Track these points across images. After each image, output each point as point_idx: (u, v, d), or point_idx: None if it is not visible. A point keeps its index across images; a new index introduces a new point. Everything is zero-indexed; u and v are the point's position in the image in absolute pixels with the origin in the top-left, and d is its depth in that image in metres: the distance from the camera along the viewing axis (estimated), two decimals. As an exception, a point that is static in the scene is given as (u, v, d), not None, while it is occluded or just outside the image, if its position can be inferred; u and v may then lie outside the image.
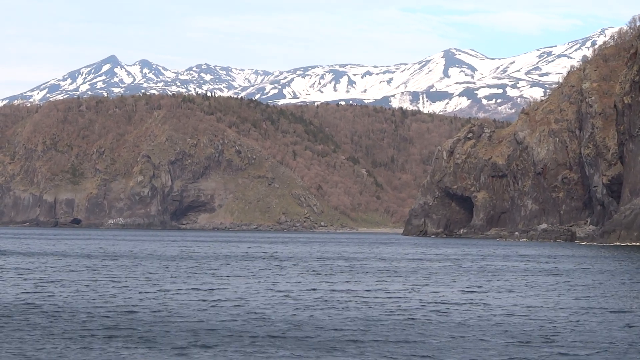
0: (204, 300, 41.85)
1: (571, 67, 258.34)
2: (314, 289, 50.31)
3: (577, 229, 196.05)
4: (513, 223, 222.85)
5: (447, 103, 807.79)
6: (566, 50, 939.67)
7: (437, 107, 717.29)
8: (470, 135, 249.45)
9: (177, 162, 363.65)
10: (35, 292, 46.77)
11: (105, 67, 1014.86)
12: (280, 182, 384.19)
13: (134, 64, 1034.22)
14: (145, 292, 47.34)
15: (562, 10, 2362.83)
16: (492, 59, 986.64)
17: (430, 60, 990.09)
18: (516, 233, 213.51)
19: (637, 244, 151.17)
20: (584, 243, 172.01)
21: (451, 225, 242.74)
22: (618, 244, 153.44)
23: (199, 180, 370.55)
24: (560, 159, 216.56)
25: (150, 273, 64.39)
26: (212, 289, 49.93)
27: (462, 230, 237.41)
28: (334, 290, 50.35)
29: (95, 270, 66.77)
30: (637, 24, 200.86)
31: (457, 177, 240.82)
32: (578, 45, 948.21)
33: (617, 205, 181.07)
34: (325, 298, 44.28)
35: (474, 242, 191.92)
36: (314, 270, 70.02)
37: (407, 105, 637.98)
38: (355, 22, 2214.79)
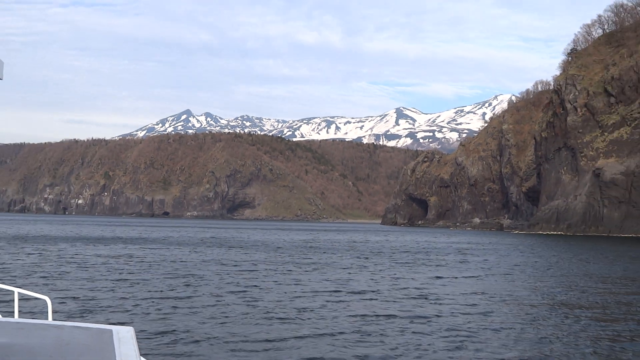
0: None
1: (493, 114, 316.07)
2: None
3: (503, 221, 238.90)
4: (454, 217, 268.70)
5: (397, 141, 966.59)
6: (472, 108, 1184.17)
7: (392, 144, 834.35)
8: (425, 159, 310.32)
9: (231, 176, 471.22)
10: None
11: (183, 116, 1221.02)
12: (297, 190, 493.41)
13: (201, 115, 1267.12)
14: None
15: (469, 83, 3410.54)
16: (426, 113, 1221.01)
17: (387, 114, 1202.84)
18: (457, 224, 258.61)
19: (553, 232, 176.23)
20: (516, 232, 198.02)
21: (413, 218, 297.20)
22: (540, 232, 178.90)
23: (245, 188, 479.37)
24: (486, 175, 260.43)
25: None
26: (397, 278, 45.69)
27: (420, 221, 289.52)
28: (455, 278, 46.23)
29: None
30: (531, 88, 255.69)
31: (417, 187, 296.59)
32: (480, 105, 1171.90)
33: (531, 206, 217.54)
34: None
35: (430, 230, 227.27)
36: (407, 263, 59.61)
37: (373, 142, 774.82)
38: (340, 89, 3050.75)
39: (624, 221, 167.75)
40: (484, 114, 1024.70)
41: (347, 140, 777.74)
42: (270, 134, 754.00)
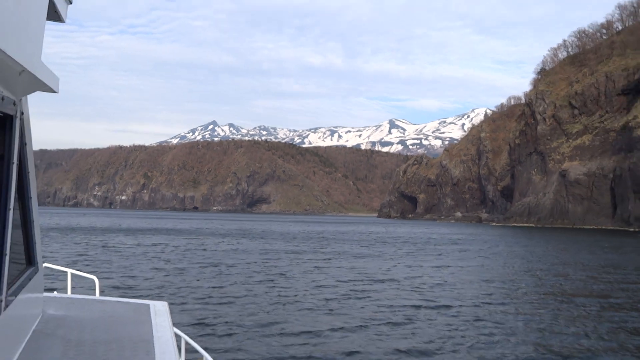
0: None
1: (472, 125, 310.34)
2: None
3: (481, 215, 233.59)
4: (439, 212, 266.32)
5: (390, 148, 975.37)
6: (453, 120, 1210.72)
7: (385, 150, 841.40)
8: (415, 162, 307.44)
9: (250, 176, 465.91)
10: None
11: (210, 126, 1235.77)
12: (306, 188, 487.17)
13: (225, 125, 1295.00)
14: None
15: (451, 99, 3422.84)
16: (414, 124, 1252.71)
17: (381, 124, 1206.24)
18: (442, 217, 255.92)
19: (525, 225, 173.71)
20: (493, 224, 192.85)
21: (404, 212, 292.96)
22: (515, 225, 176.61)
23: (262, 186, 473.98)
24: (467, 176, 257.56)
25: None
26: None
27: (410, 215, 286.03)
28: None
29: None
30: (505, 102, 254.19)
31: (408, 186, 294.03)
32: (460, 117, 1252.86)
33: (505, 202, 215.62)
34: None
35: (420, 222, 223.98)
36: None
37: (370, 148, 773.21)
38: (342, 103, 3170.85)
39: (585, 215, 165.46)
40: (463, 124, 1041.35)
41: (348, 146, 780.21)
42: (283, 141, 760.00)
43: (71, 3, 5.32)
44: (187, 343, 7.47)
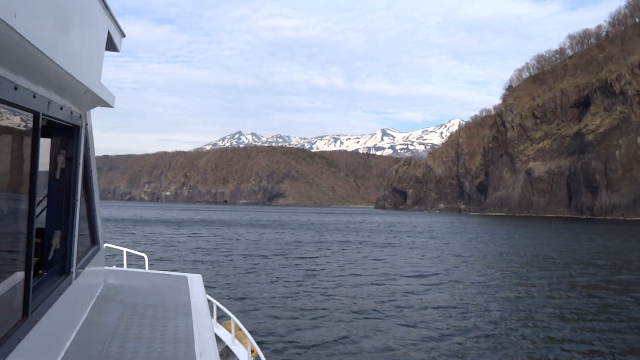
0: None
1: (450, 133, 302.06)
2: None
3: (461, 206, 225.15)
4: (425, 204, 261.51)
5: (383, 152, 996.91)
6: (434, 129, 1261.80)
7: (379, 154, 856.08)
8: (405, 163, 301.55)
9: (270, 175, 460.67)
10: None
11: (237, 135, 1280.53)
12: (315, 185, 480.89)
13: (248, 134, 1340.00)
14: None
15: (432, 112, 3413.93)
16: (402, 132, 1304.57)
17: (375, 133, 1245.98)
18: (427, 208, 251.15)
19: (498, 214, 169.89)
20: (472, 213, 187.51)
21: (396, 204, 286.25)
22: (489, 214, 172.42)
23: (279, 184, 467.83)
24: (448, 174, 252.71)
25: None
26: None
27: (401, 206, 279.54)
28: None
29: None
30: (477, 114, 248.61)
31: (399, 182, 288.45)
32: (439, 127, 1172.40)
33: (480, 195, 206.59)
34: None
35: (411, 212, 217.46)
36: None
37: (366, 152, 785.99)
38: (342, 116, 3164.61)
39: (547, 206, 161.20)
40: (442, 132, 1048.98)
41: (348, 150, 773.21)
42: (296, 147, 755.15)
43: (124, 36, 5.30)
44: (217, 307, 7.93)
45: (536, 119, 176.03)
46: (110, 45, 4.81)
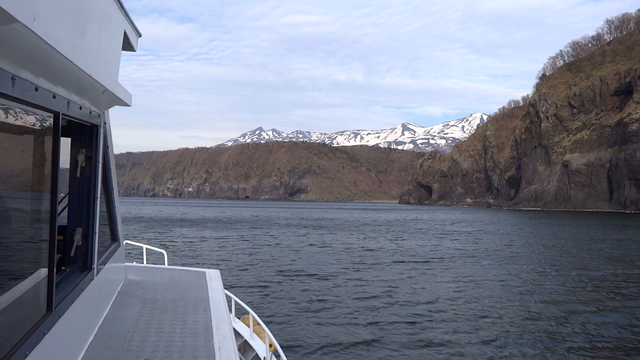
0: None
1: (476, 126, 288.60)
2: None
3: (490, 200, 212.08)
4: (451, 199, 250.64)
5: (404, 146, 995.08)
6: (454, 123, 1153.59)
7: (400, 148, 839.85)
8: (430, 157, 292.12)
9: (292, 171, 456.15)
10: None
11: (257, 131, 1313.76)
12: (337, 180, 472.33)
13: (269, 130, 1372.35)
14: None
15: (452, 106, 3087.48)
16: (423, 127, 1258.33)
17: (395, 127, 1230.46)
18: (453, 203, 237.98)
19: (532, 209, 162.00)
20: (504, 208, 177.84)
21: (421, 199, 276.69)
22: (522, 209, 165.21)
23: (301, 179, 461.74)
24: (475, 168, 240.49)
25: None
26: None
27: (426, 201, 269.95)
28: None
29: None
30: (506, 106, 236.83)
31: (424, 177, 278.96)
32: (460, 121, 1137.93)
33: (509, 189, 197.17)
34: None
35: (437, 208, 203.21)
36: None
37: (387, 146, 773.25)
38: (363, 111, 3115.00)
39: (585, 200, 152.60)
40: (463, 126, 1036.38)
41: (369, 145, 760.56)
42: (317, 142, 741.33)
43: (140, 36, 5.34)
44: (236, 303, 7.92)
45: (573, 109, 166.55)
46: (127, 45, 4.86)
